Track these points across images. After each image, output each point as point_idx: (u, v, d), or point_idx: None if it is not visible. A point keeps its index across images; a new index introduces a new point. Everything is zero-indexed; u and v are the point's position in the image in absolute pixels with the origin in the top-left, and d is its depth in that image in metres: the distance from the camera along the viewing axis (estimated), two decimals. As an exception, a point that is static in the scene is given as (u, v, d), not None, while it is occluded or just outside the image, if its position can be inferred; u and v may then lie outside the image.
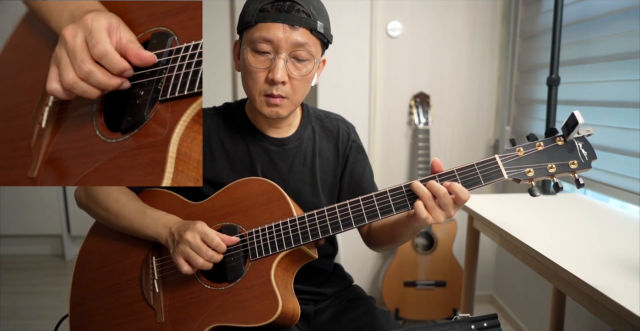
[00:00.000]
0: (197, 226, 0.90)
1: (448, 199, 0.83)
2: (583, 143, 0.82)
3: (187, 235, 0.89)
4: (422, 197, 0.84)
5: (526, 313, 2.19)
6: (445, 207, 0.84)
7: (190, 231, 0.90)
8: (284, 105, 0.97)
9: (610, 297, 0.83)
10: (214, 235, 0.90)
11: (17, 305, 2.51)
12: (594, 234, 1.23)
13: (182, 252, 0.90)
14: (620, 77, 1.52)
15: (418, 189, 0.84)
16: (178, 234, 0.91)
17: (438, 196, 0.83)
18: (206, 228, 0.90)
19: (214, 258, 0.90)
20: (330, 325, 1.09)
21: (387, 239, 1.05)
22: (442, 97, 2.36)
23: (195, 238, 0.89)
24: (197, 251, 0.89)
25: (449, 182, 0.84)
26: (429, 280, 2.27)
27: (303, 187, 1.08)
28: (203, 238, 0.89)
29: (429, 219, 0.84)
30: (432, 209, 0.84)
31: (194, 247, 0.89)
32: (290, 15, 0.91)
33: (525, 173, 0.83)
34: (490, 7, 2.30)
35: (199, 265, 0.89)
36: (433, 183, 0.84)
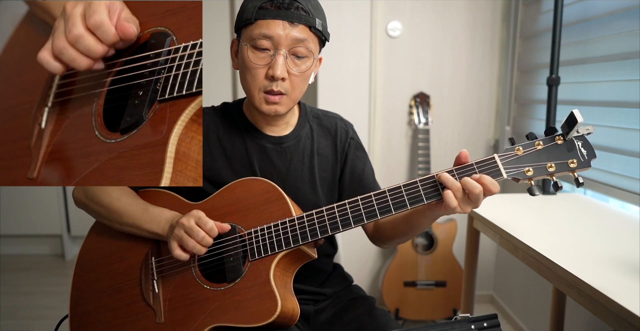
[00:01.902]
0: (193, 211, 0.92)
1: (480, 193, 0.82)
2: (582, 142, 0.82)
3: (182, 219, 0.91)
4: (452, 187, 0.82)
5: (526, 313, 2.19)
6: (476, 202, 0.83)
7: (185, 216, 0.91)
8: (282, 102, 0.98)
9: (610, 297, 0.83)
10: (208, 219, 0.91)
11: (17, 305, 2.51)
12: (594, 234, 1.23)
13: (175, 236, 0.91)
14: (620, 77, 1.52)
15: (447, 180, 0.83)
16: (175, 222, 0.93)
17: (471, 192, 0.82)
18: (201, 213, 0.91)
19: (205, 240, 0.90)
20: (330, 324, 1.09)
21: (401, 231, 1.03)
22: (442, 97, 2.36)
23: (190, 221, 0.90)
24: (189, 233, 0.90)
25: (479, 174, 0.83)
26: (429, 280, 2.27)
27: (302, 185, 1.08)
28: (197, 222, 0.90)
29: (457, 209, 0.83)
30: (461, 200, 0.83)
31: (187, 229, 0.90)
32: (290, 12, 0.92)
33: (525, 173, 0.83)
34: (490, 7, 2.30)
35: (190, 247, 0.90)
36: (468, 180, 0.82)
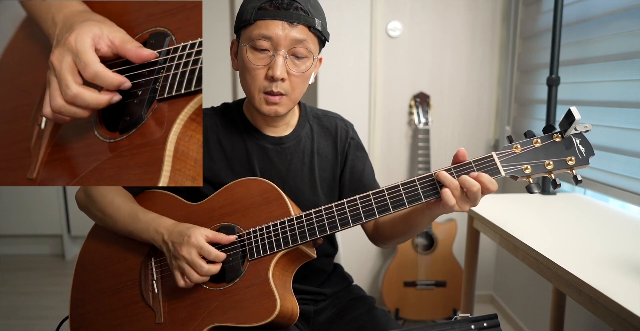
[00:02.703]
0: (192, 240, 0.89)
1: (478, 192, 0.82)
2: (581, 140, 0.82)
3: (182, 251, 0.89)
4: (449, 185, 0.82)
5: (526, 313, 2.18)
6: (474, 200, 0.83)
7: (185, 246, 0.89)
8: (282, 103, 0.97)
9: (610, 297, 0.83)
10: (210, 248, 0.90)
11: (17, 305, 2.51)
12: (594, 234, 1.23)
13: (178, 267, 0.91)
14: (620, 77, 1.51)
15: (445, 179, 0.83)
16: (173, 247, 0.91)
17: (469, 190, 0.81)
18: (201, 240, 0.90)
19: (211, 272, 0.90)
20: (330, 324, 1.09)
21: (401, 230, 1.03)
22: (442, 97, 2.36)
23: (191, 253, 0.89)
24: (193, 267, 0.89)
25: (477, 172, 0.82)
26: (429, 280, 2.27)
27: (302, 185, 1.07)
28: (200, 252, 0.89)
29: (456, 207, 0.83)
30: (459, 198, 0.83)
31: (190, 263, 0.89)
32: (289, 13, 0.92)
33: (523, 170, 0.83)
34: (490, 7, 2.30)
35: (194, 280, 0.90)
36: (466, 178, 0.82)
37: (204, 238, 0.90)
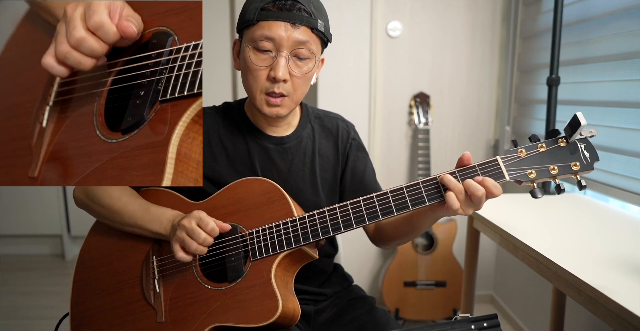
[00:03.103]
0: (194, 212, 0.92)
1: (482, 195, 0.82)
2: (585, 145, 0.82)
3: (183, 221, 0.91)
4: (454, 188, 0.82)
5: (526, 313, 2.19)
6: (478, 204, 0.83)
7: (187, 217, 0.91)
8: (284, 104, 0.98)
9: (610, 297, 0.83)
10: (209, 219, 0.91)
11: (17, 305, 2.51)
12: (594, 234, 1.23)
13: (178, 238, 0.91)
14: (620, 77, 1.52)
15: (449, 182, 0.83)
16: (177, 223, 0.93)
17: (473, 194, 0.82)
18: (202, 214, 0.91)
19: (207, 241, 0.90)
20: (330, 325, 1.09)
21: (403, 232, 1.03)
22: (442, 97, 2.36)
23: (191, 222, 0.90)
24: (190, 235, 0.90)
25: (482, 177, 0.83)
26: (429, 280, 2.27)
27: (303, 185, 1.08)
28: (198, 223, 0.90)
29: (460, 211, 0.83)
30: (463, 202, 0.83)
31: (189, 231, 0.90)
32: (292, 14, 0.92)
33: (527, 175, 0.83)
34: (490, 7, 2.30)
35: (193, 249, 0.90)
36: (470, 182, 0.82)
37: (205, 214, 0.92)
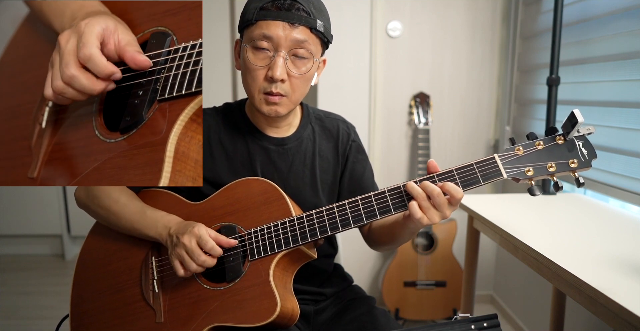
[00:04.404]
0: (194, 229, 0.90)
1: (442, 199, 0.83)
2: (583, 142, 0.82)
3: (183, 239, 0.89)
4: (417, 197, 0.83)
5: (526, 313, 2.18)
6: (439, 207, 0.83)
7: (187, 234, 0.90)
8: (283, 103, 0.97)
9: (610, 297, 0.83)
10: (209, 238, 0.90)
11: (17, 305, 2.51)
12: (594, 234, 1.23)
13: (178, 255, 0.91)
14: (620, 77, 1.52)
15: (412, 189, 0.84)
16: (176, 236, 0.91)
17: (432, 196, 0.83)
18: (203, 231, 0.90)
19: (207, 263, 0.90)
20: (330, 325, 1.09)
21: (386, 239, 1.05)
22: (442, 97, 2.36)
23: (191, 241, 0.89)
24: (191, 255, 0.89)
25: (442, 182, 0.84)
26: (429, 280, 2.27)
27: (303, 186, 1.08)
28: (198, 242, 0.89)
29: (424, 219, 0.84)
30: (427, 209, 0.83)
31: (189, 250, 0.89)
32: (291, 14, 0.92)
33: (525, 173, 0.83)
34: (490, 7, 2.30)
35: (192, 269, 0.90)
36: (427, 184, 0.83)
37: (206, 231, 0.90)
